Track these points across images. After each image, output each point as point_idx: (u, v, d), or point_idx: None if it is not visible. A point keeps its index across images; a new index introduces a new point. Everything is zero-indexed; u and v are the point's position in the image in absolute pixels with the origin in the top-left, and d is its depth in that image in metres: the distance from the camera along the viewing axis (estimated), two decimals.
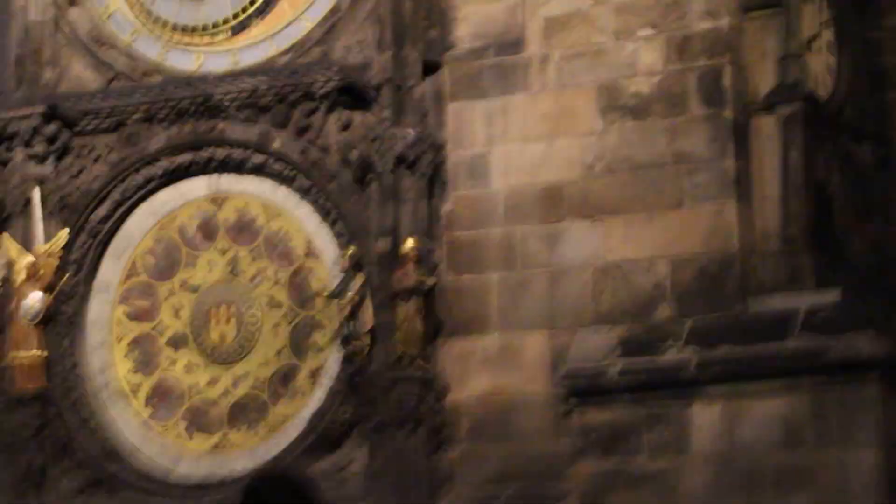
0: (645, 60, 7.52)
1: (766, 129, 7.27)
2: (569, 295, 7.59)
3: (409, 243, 7.50)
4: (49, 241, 8.51)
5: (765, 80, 7.40)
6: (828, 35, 7.73)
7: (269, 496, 3.21)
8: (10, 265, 8.41)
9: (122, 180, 8.41)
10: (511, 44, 7.86)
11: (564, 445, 7.38)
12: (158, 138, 8.43)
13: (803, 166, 7.23)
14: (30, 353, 8.19)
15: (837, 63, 7.80)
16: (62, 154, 8.46)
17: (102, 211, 8.54)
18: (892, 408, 6.68)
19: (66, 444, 8.14)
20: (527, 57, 7.88)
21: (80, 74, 8.68)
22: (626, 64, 7.64)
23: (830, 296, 6.97)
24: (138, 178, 8.43)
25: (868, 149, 8.03)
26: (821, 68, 7.60)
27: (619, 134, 7.57)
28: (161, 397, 8.38)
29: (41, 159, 8.36)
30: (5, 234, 8.41)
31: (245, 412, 8.08)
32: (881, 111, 8.25)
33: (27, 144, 8.39)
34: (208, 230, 8.70)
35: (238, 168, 8.31)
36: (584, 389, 7.24)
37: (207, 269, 8.60)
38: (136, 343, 8.61)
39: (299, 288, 8.14)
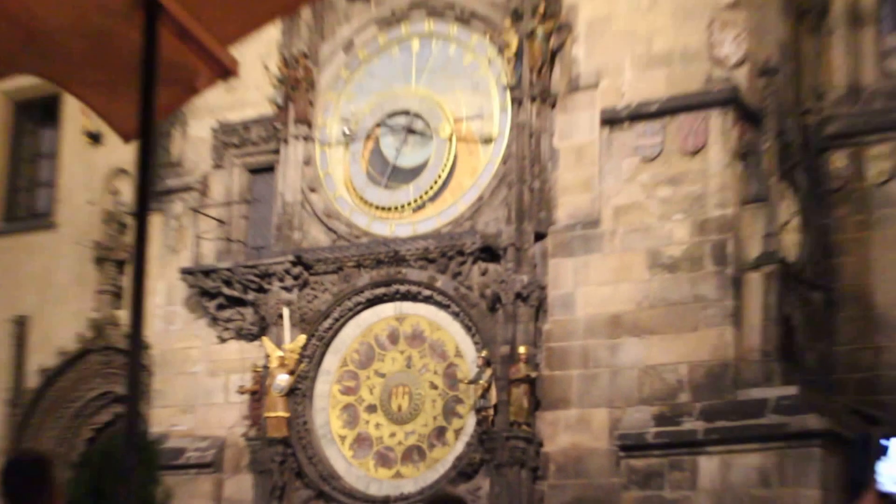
0: (677, 234, 10.57)
1: (754, 281, 10.29)
2: (622, 386, 10.63)
3: (522, 349, 10.71)
4: (292, 342, 11.78)
5: (755, 249, 10.41)
6: (796, 221, 10.70)
7: None
8: (267, 357, 11.79)
9: (340, 304, 11.79)
10: (592, 222, 10.95)
11: (617, 482, 10.42)
12: (363, 278, 11.73)
13: (776, 305, 10.21)
14: (277, 413, 11.49)
15: (802, 239, 10.77)
16: (303, 286, 11.86)
17: (327, 324, 11.88)
18: (829, 463, 9.51)
19: (299, 471, 11.47)
20: (601, 231, 10.96)
21: (317, 236, 12.09)
22: (665, 237, 10.62)
23: (791, 390, 9.96)
24: (350, 303, 11.78)
25: (819, 295, 11.03)
26: (791, 242, 10.59)
27: (659, 282, 10.61)
28: (359, 444, 11.61)
29: (289, 289, 11.81)
30: (265, 338, 11.81)
31: (412, 455, 11.30)
32: (829, 271, 11.29)
33: (281, 280, 11.84)
34: (393, 337, 12.00)
35: (414, 298, 11.62)
36: (630, 446, 10.34)
37: (392, 362, 11.87)
38: (344, 409, 11.87)
39: (450, 377, 11.38)
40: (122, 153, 10.94)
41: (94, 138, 13.34)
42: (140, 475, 3.62)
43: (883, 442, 4.03)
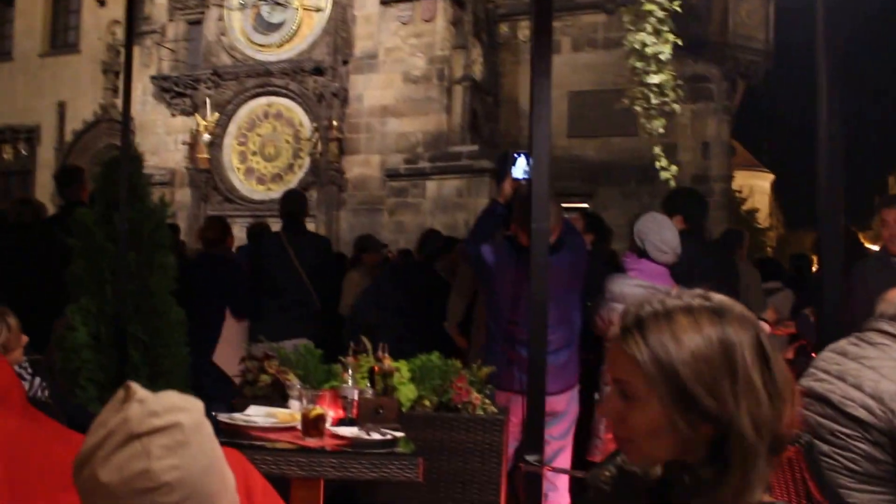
0: (418, 64, 19.34)
1: (458, 90, 19.26)
2: (387, 143, 18.75)
3: (335, 122, 18.83)
4: (211, 117, 20.08)
5: (459, 72, 19.18)
6: (481, 59, 19.76)
7: None
8: (198, 124, 20.46)
9: (237, 97, 19.86)
10: (373, 55, 19.65)
11: (384, 194, 19.31)
12: (249, 82, 19.56)
13: (469, 103, 19.23)
14: (203, 155, 19.58)
15: (483, 68, 19.81)
16: (217, 86, 20.08)
17: (230, 107, 19.76)
18: (491, 184, 18.63)
19: (215, 186, 19.79)
20: (378, 60, 19.12)
21: (225, 60, 19.93)
22: (412, 65, 19.25)
23: (475, 147, 18.75)
24: (242, 96, 19.99)
25: (491, 98, 20.02)
26: (479, 70, 19.76)
27: (408, 89, 19.23)
28: (247, 173, 19.57)
29: (209, 88, 20.24)
30: (197, 115, 20.27)
31: (276, 179, 19.84)
32: (496, 85, 20.29)
33: (205, 82, 20.13)
34: (266, 115, 19.92)
35: (276, 94, 19.53)
36: (391, 175, 19.00)
37: (265, 128, 20.04)
38: (239, 154, 20.13)
39: (296, 137, 19.58)
40: (117, 10, 20.17)
41: (101, 2, 22.23)
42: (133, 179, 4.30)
43: (515, 155, 5.14)
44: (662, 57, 7.80)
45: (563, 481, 5.17)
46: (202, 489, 1.35)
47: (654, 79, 7.79)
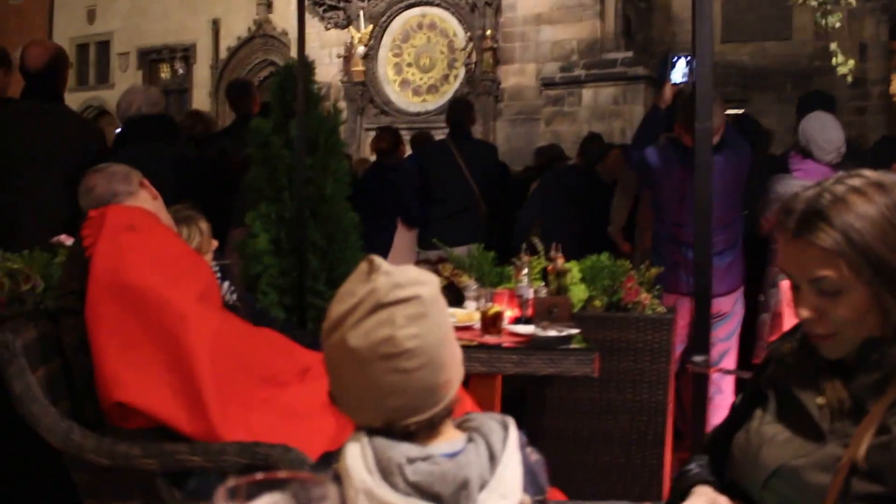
0: None
1: None
2: (542, 52, 18.62)
3: (489, 32, 18.69)
4: (366, 29, 19.94)
5: None
6: None
7: None
8: (352, 37, 20.42)
9: (391, 8, 20.03)
10: None
11: (540, 103, 19.08)
12: None
13: (622, 8, 18.79)
14: (358, 68, 19.81)
15: None
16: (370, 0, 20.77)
17: (383, 19, 19.66)
18: (648, 93, 18.14)
19: (371, 98, 19.65)
20: None
21: None
22: None
23: (629, 54, 18.29)
24: (396, 7, 20.31)
25: (644, 3, 19.54)
26: None
27: None
28: (403, 84, 19.63)
29: (362, 0, 20.70)
30: (350, 27, 20.26)
31: (432, 90, 19.53)
32: None
33: None
34: (420, 26, 19.81)
35: (429, 3, 19.49)
36: (547, 83, 18.70)
37: (419, 39, 20.02)
38: (394, 66, 20.04)
39: (451, 48, 19.40)
40: None
41: None
42: (308, 88, 4.24)
43: (674, 59, 5.22)
44: None
45: (728, 384, 5.19)
46: (437, 359, 1.47)
47: None
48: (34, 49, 4.93)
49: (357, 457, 1.44)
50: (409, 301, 1.44)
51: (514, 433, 1.55)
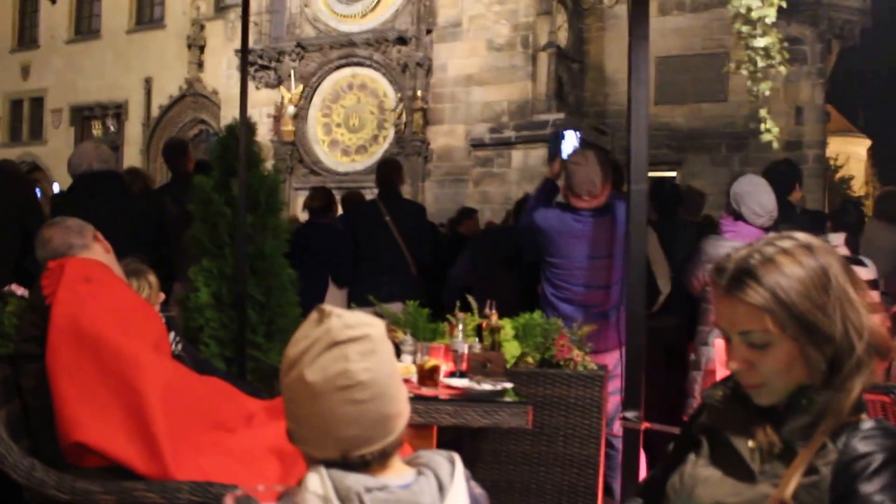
0: (503, 32, 19.42)
1: (542, 58, 19.19)
2: (472, 113, 18.79)
3: (419, 93, 18.80)
4: (296, 89, 20.02)
5: (543, 39, 19.12)
6: (566, 25, 19.60)
7: None
8: (282, 97, 20.42)
9: (321, 68, 19.88)
10: (457, 24, 19.67)
11: (469, 164, 19.21)
12: (333, 54, 19.74)
13: (555, 71, 19.07)
14: (288, 128, 19.68)
15: (569, 34, 19.64)
16: (301, 58, 20.14)
17: (314, 79, 19.72)
18: None
19: (301, 159, 19.68)
20: (462, 28, 19.11)
21: (308, 31, 20.54)
22: (496, 33, 19.25)
23: (560, 115, 18.53)
24: (326, 67, 19.82)
25: (577, 65, 19.90)
26: (563, 37, 19.62)
27: (493, 58, 19.26)
28: (332, 145, 19.65)
29: (293, 60, 20.51)
30: (281, 87, 20.45)
31: (360, 150, 19.72)
32: (582, 52, 20.17)
33: (289, 55, 20.32)
34: (350, 86, 20.10)
35: (360, 64, 19.52)
36: (476, 144, 18.69)
37: (349, 99, 20.18)
38: (324, 126, 20.09)
39: (381, 108, 19.58)
40: None
41: None
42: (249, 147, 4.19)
43: (563, 134, 5.79)
44: (768, 20, 7.76)
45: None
46: (388, 391, 1.62)
47: (760, 42, 7.75)
48: None
49: (317, 487, 1.56)
50: (361, 339, 1.59)
51: (460, 466, 1.69)
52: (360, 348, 1.59)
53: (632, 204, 3.73)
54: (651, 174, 5.65)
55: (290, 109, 19.98)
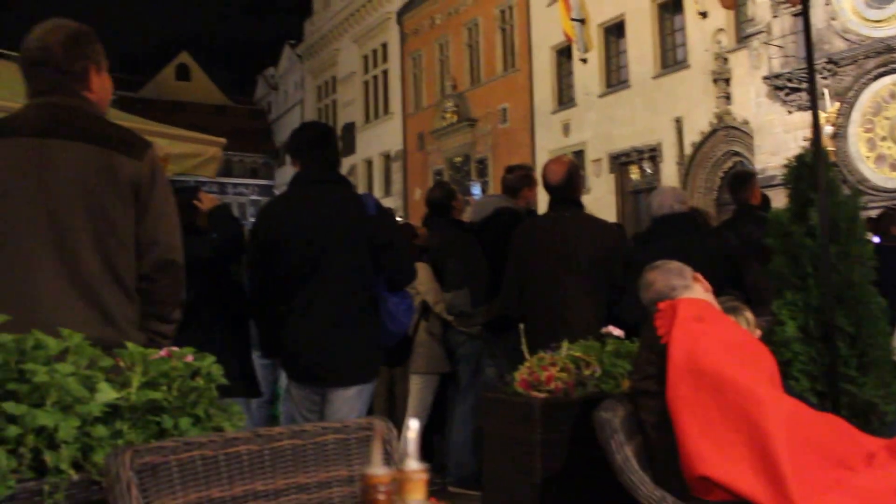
0: None
1: None
2: None
3: None
4: (831, 108, 18.81)
5: None
6: None
7: None
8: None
9: (857, 81, 18.55)
10: None
11: None
12: (870, 63, 18.27)
13: None
14: (829, 148, 19.24)
15: None
16: (834, 74, 18.93)
17: (850, 94, 18.52)
18: None
19: (844, 179, 18.50)
20: None
21: (838, 44, 18.83)
22: None
23: None
24: (863, 79, 18.38)
25: None
26: None
27: None
28: (878, 161, 18.44)
29: (825, 77, 19.51)
30: None
31: None
32: None
33: (821, 73, 19.06)
34: (892, 95, 18.35)
35: None
36: None
37: (893, 109, 18.65)
38: (867, 141, 18.78)
39: None
40: (719, 19, 21.16)
41: (703, 14, 23.10)
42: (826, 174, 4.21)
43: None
44: None
45: None
46: None
47: None
48: (552, 165, 5.46)
49: None
50: None
51: None
52: None
53: None
54: None
55: (828, 129, 18.87)
